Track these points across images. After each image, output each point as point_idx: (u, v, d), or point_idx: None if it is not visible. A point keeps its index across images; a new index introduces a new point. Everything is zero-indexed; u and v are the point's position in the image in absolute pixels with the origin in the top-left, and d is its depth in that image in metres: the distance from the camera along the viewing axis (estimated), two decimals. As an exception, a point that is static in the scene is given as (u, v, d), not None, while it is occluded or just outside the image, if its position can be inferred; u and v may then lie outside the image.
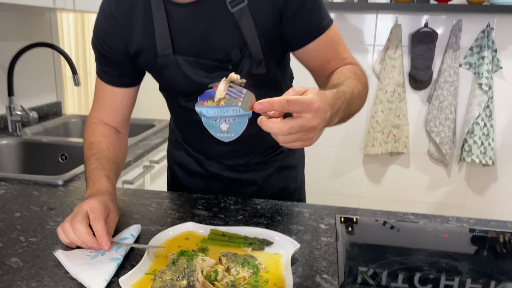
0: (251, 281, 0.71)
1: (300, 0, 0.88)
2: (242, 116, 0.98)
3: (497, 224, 0.97)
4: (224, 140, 1.02)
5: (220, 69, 0.91)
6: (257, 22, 0.89)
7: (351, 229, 0.93)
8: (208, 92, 0.94)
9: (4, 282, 0.71)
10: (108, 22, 0.94)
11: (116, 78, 1.01)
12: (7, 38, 1.75)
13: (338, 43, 0.95)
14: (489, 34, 2.39)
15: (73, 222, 0.79)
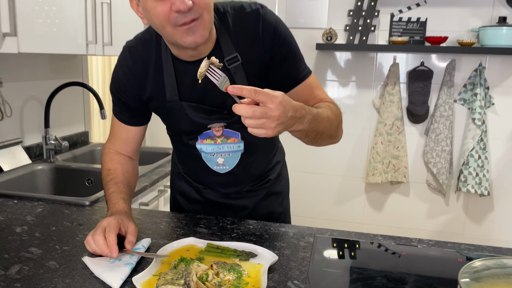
0: (234, 283, 0.90)
1: (282, 57, 1.09)
2: (235, 151, 1.18)
3: (492, 249, 1.14)
4: (220, 171, 1.21)
5: (217, 113, 1.12)
6: (248, 75, 1.10)
7: (325, 246, 1.11)
8: (207, 132, 1.14)
9: (45, 279, 0.92)
10: (124, 73, 1.14)
11: (129, 118, 1.21)
12: (45, 77, 2.02)
13: (316, 88, 1.15)
14: (481, 73, 2.57)
15: (93, 235, 1.00)
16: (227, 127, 1.14)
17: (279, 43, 1.08)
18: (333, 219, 2.95)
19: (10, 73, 1.82)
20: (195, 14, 0.94)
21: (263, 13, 1.08)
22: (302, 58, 1.14)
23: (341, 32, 2.71)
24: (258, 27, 1.07)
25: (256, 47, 1.07)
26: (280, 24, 1.09)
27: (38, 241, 1.11)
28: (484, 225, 2.77)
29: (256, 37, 1.07)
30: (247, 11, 1.08)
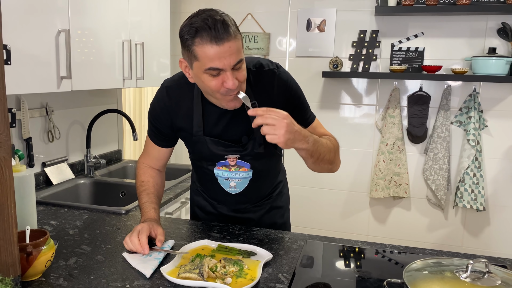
0: (236, 273, 1.19)
1: (292, 107, 1.34)
2: (245, 178, 1.44)
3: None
4: (232, 192, 1.49)
5: (233, 147, 1.38)
6: None
7: (313, 248, 1.39)
8: (223, 162, 1.41)
9: (95, 268, 1.23)
10: (161, 107, 1.39)
11: (161, 141, 1.47)
12: (87, 105, 2.38)
13: (319, 128, 1.44)
14: (475, 97, 2.81)
15: (130, 236, 1.31)
16: (240, 159, 1.40)
17: (290, 96, 1.36)
18: (340, 230, 3.19)
19: (59, 102, 2.17)
20: (239, 88, 1.20)
21: (278, 72, 1.34)
22: (308, 107, 1.43)
23: (346, 60, 2.99)
24: (273, 83, 1.33)
25: (271, 98, 1.32)
26: (291, 81, 1.37)
27: (87, 240, 1.42)
28: (481, 238, 2.97)
29: (271, 91, 1.33)
30: (265, 69, 1.34)
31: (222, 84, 1.17)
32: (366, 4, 2.92)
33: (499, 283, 0.98)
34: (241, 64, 1.19)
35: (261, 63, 1.35)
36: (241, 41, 1.18)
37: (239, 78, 1.19)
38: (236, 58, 1.15)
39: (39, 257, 1.11)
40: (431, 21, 2.84)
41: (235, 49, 1.14)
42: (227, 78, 1.15)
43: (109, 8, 1.95)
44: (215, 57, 1.12)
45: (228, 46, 1.12)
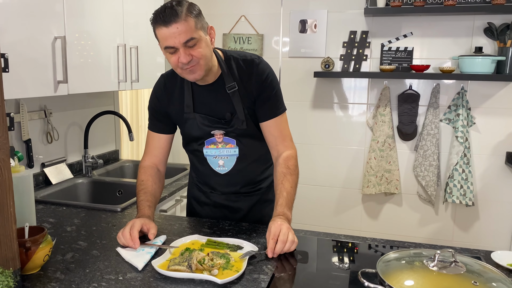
0: (223, 265, 1.27)
1: (267, 96, 1.50)
2: (232, 155, 1.56)
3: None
4: (221, 172, 1.59)
5: (219, 123, 1.51)
6: (243, 100, 1.50)
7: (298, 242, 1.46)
8: (211, 139, 1.54)
9: (91, 262, 1.31)
10: (158, 94, 1.58)
11: (159, 128, 1.60)
12: (84, 107, 2.45)
13: (284, 128, 1.56)
14: (463, 95, 2.87)
15: (122, 231, 1.39)
16: (226, 135, 1.53)
17: (265, 86, 1.50)
18: (334, 226, 3.27)
19: (58, 105, 2.25)
20: (193, 63, 1.37)
21: (258, 62, 1.51)
22: (281, 100, 1.55)
23: (338, 60, 3.06)
24: (252, 71, 1.50)
25: (249, 84, 1.50)
26: (270, 72, 1.52)
27: (84, 237, 1.50)
28: (471, 232, 3.05)
29: (250, 78, 1.50)
30: (247, 58, 1.52)
31: (178, 59, 1.36)
32: (356, 5, 2.99)
33: (464, 271, 1.05)
34: (195, 42, 1.34)
35: (245, 54, 1.54)
36: (194, 22, 1.33)
37: (194, 54, 1.35)
38: (186, 37, 1.32)
39: (37, 252, 1.19)
40: (420, 21, 2.91)
41: (184, 29, 1.31)
42: (180, 55, 1.35)
43: (104, 13, 2.02)
44: (167, 37, 1.33)
45: (176, 27, 1.30)
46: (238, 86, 1.49)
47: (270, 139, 1.56)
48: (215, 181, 1.65)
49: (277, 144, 1.55)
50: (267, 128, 1.54)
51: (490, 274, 1.06)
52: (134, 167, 2.70)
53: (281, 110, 1.54)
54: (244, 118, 1.50)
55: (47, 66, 1.69)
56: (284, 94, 1.64)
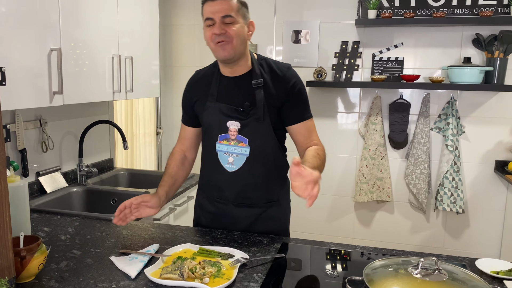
0: (214, 273, 1.30)
1: (295, 101, 1.59)
2: (242, 154, 1.59)
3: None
4: (229, 170, 1.61)
5: (236, 111, 1.56)
6: (266, 97, 1.56)
7: (284, 249, 1.50)
8: (225, 134, 1.59)
9: (85, 270, 1.33)
10: (188, 86, 1.72)
11: (186, 121, 1.73)
12: (79, 116, 2.48)
13: (312, 131, 1.64)
14: (453, 105, 2.93)
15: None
16: (240, 132, 1.58)
17: (293, 92, 1.58)
18: (327, 234, 3.30)
19: (53, 114, 2.28)
20: (226, 38, 1.48)
21: (290, 69, 1.62)
22: (308, 106, 1.64)
23: (330, 70, 3.11)
24: (284, 76, 1.58)
25: (278, 87, 1.57)
26: (298, 80, 1.61)
27: (78, 245, 1.53)
28: (462, 240, 3.09)
29: (280, 81, 1.57)
30: (279, 64, 1.62)
31: (212, 33, 1.49)
32: (348, 16, 3.05)
33: (446, 278, 1.09)
34: (232, 20, 1.47)
35: (278, 61, 1.65)
36: (237, 6, 1.48)
37: (228, 30, 1.48)
38: (225, 12, 1.46)
39: (32, 261, 1.21)
40: (410, 32, 2.97)
41: (226, 7, 1.46)
42: (215, 26, 1.48)
43: (99, 23, 2.06)
44: (209, 10, 1.48)
45: (220, 3, 1.47)
46: (265, 85, 1.56)
47: (300, 139, 1.63)
48: (221, 178, 1.65)
49: (307, 143, 1.61)
50: (297, 130, 1.61)
51: (472, 281, 1.10)
52: (129, 176, 2.72)
53: (309, 115, 1.63)
54: (262, 112, 1.56)
55: (43, 77, 1.72)
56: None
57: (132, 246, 1.52)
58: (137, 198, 1.57)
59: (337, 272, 1.36)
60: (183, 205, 2.38)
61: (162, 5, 3.41)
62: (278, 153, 1.65)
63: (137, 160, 3.25)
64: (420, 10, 2.89)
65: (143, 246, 1.51)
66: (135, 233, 1.65)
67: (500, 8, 2.77)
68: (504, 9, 2.76)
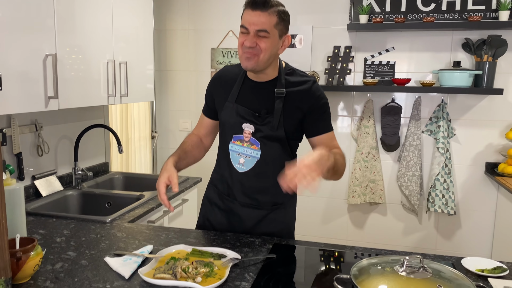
0: (207, 273, 1.33)
1: (318, 115, 1.59)
2: (253, 157, 1.62)
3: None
4: (239, 170, 1.65)
5: (252, 115, 1.60)
6: (285, 108, 1.58)
7: (280, 250, 1.53)
8: (238, 136, 1.63)
9: (79, 272, 1.36)
10: (213, 80, 1.74)
11: (205, 110, 1.78)
12: (74, 120, 2.51)
13: (333, 139, 1.66)
14: (444, 108, 2.98)
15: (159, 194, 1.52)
16: (254, 135, 1.61)
17: (318, 106, 1.59)
18: (321, 236, 3.33)
19: (48, 119, 2.31)
20: (254, 51, 1.49)
21: (315, 83, 1.62)
22: (330, 119, 1.65)
23: (323, 74, 3.16)
24: (309, 89, 1.59)
25: (302, 99, 1.58)
26: (322, 95, 1.61)
27: (73, 247, 1.55)
28: (454, 240, 3.13)
29: (305, 95, 1.58)
30: (306, 78, 1.63)
31: (244, 41, 1.50)
32: (340, 21, 3.09)
33: (430, 275, 1.12)
34: (265, 35, 1.47)
35: (305, 74, 1.66)
36: (275, 21, 1.47)
37: (259, 44, 1.48)
38: (260, 26, 1.46)
39: (28, 262, 1.24)
40: (401, 36, 3.02)
41: (263, 20, 1.46)
42: (248, 38, 1.48)
43: (94, 28, 2.09)
44: (247, 19, 1.48)
45: (258, 15, 1.46)
46: (288, 96, 1.58)
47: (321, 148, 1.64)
48: (231, 179, 1.69)
49: None
50: (319, 141, 1.62)
51: (456, 279, 1.13)
52: (124, 179, 2.75)
53: (331, 128, 1.64)
54: (277, 122, 1.58)
55: (38, 82, 1.75)
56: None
57: (126, 247, 1.55)
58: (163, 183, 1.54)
59: (327, 271, 1.40)
60: (178, 207, 2.41)
61: (157, 10, 3.45)
62: (288, 159, 1.68)
63: (132, 163, 3.27)
64: (410, 15, 2.94)
65: (137, 247, 1.54)
66: (129, 235, 1.67)
67: (489, 13, 2.82)
68: (492, 14, 2.82)
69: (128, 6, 2.39)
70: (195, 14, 3.39)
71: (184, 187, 2.48)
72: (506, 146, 2.96)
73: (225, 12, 3.31)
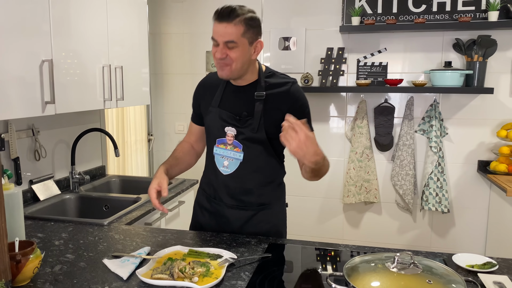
0: (203, 273, 1.35)
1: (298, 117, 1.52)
2: (236, 159, 1.66)
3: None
4: (224, 173, 1.68)
5: (234, 119, 1.64)
6: (265, 110, 1.62)
7: (275, 249, 1.56)
8: (222, 139, 1.67)
9: (78, 273, 1.38)
10: (198, 88, 1.79)
11: (193, 117, 1.82)
12: (71, 125, 2.53)
13: None
14: (436, 107, 3.02)
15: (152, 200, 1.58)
16: (236, 138, 1.65)
17: (297, 107, 1.64)
18: (317, 235, 3.36)
19: (45, 123, 2.33)
20: (225, 61, 1.54)
21: (295, 85, 1.68)
22: (310, 119, 1.69)
23: (316, 75, 3.19)
24: (288, 91, 1.64)
25: (281, 101, 1.63)
26: (302, 96, 1.67)
27: (71, 250, 1.58)
28: (448, 238, 3.17)
29: (284, 96, 1.63)
30: (286, 79, 1.68)
31: (215, 52, 1.54)
32: (332, 23, 3.13)
33: (420, 271, 1.16)
34: (234, 46, 1.51)
35: (285, 75, 1.71)
36: (242, 30, 1.50)
37: (229, 54, 1.53)
38: (228, 38, 1.49)
39: (27, 265, 1.26)
40: (393, 37, 3.06)
41: (230, 31, 1.49)
42: (218, 49, 1.53)
43: (89, 34, 2.12)
44: (215, 31, 1.52)
45: (225, 26, 1.49)
46: (268, 98, 1.62)
47: None
48: (217, 182, 1.73)
49: None
50: None
51: (445, 274, 1.17)
52: (120, 182, 2.77)
53: (311, 129, 1.65)
54: (257, 124, 1.62)
55: (35, 87, 1.77)
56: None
57: (124, 249, 1.58)
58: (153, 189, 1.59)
59: (321, 269, 1.43)
60: (175, 209, 2.43)
61: (152, 14, 3.48)
62: (272, 160, 1.72)
63: (129, 166, 3.30)
64: (402, 16, 2.98)
65: (134, 249, 1.57)
66: (127, 237, 1.70)
67: (478, 14, 2.87)
68: (482, 14, 2.87)
69: (123, 10, 2.42)
70: (189, 18, 3.42)
71: (180, 189, 2.51)
72: (497, 144, 3.00)
73: (219, 15, 3.34)
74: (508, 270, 1.41)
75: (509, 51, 2.92)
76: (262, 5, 3.26)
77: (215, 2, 3.31)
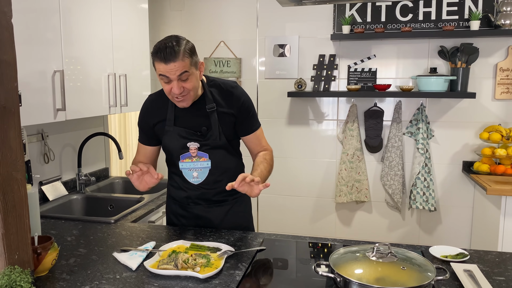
0: (204, 264, 1.50)
1: (244, 116, 1.79)
2: (205, 167, 1.79)
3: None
4: (195, 183, 1.82)
5: (194, 135, 1.75)
6: (219, 118, 1.76)
7: (268, 244, 1.71)
8: (186, 153, 1.78)
9: (91, 265, 1.53)
10: (145, 111, 1.83)
11: (146, 140, 1.86)
12: (76, 128, 2.68)
13: (261, 138, 1.88)
14: (423, 111, 3.18)
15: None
16: (200, 149, 1.77)
17: (243, 109, 1.79)
18: (310, 234, 3.52)
19: (53, 128, 2.48)
20: (184, 93, 1.63)
21: (237, 88, 1.81)
22: (256, 117, 1.86)
23: (309, 80, 3.35)
24: (233, 95, 1.78)
25: (229, 105, 1.77)
26: (245, 97, 1.81)
27: (83, 245, 1.73)
28: (435, 235, 3.33)
29: (230, 100, 1.77)
30: (227, 84, 1.80)
31: (171, 89, 1.61)
32: (324, 31, 3.29)
33: (396, 260, 1.32)
34: (187, 76, 1.59)
35: (226, 80, 1.84)
36: (189, 61, 1.58)
37: (185, 86, 1.61)
38: (181, 71, 1.56)
39: (47, 257, 1.41)
40: (381, 45, 3.23)
41: (180, 67, 1.56)
42: (173, 86, 1.60)
43: (95, 43, 2.27)
44: (164, 70, 1.57)
45: (173, 65, 1.55)
46: (217, 107, 1.75)
47: (252, 147, 1.87)
48: (190, 192, 1.86)
49: (257, 150, 1.86)
50: (248, 140, 1.85)
51: (418, 262, 1.33)
52: (124, 183, 2.91)
53: (257, 126, 1.86)
54: (218, 133, 1.76)
55: (47, 96, 1.92)
56: (261, 112, 1.95)
57: (131, 244, 1.72)
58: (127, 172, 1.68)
59: (311, 259, 1.58)
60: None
61: (151, 22, 3.63)
62: (235, 159, 1.89)
63: (131, 168, 3.44)
64: (390, 24, 3.15)
65: (141, 243, 1.72)
66: (133, 234, 1.85)
67: (461, 23, 3.04)
68: (465, 23, 3.03)
69: (126, 19, 2.57)
70: (188, 25, 3.57)
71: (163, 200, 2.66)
72: (480, 146, 3.17)
73: (217, 23, 3.50)
74: (478, 259, 1.57)
75: (490, 58, 3.08)
76: (257, 14, 3.42)
77: (212, 11, 3.47)
